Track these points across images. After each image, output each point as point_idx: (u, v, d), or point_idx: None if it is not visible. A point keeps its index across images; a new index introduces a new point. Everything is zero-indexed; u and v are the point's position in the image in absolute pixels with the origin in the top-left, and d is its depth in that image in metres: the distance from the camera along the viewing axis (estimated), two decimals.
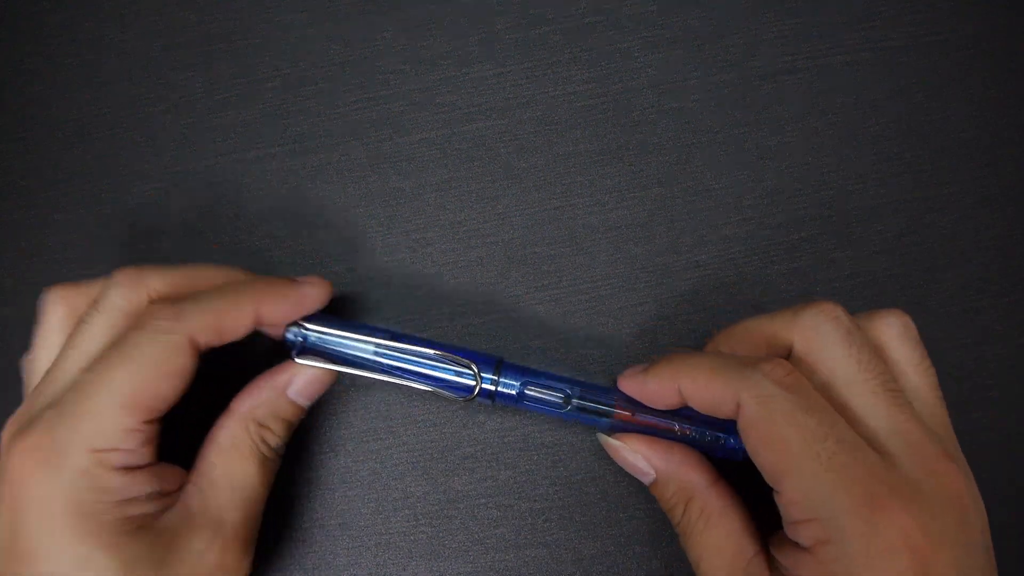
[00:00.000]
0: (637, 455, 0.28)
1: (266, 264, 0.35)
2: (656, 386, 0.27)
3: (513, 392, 0.29)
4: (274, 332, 0.29)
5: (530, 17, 0.37)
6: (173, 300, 0.27)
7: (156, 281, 0.28)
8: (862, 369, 0.24)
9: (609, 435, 0.29)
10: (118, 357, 0.25)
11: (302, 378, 0.29)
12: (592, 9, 0.37)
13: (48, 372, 0.27)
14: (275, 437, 0.29)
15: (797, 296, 0.34)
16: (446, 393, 0.29)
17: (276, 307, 0.28)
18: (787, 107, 0.36)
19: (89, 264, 0.35)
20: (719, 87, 0.36)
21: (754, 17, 0.37)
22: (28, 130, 0.37)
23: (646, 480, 0.29)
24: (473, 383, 0.29)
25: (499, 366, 0.29)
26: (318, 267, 0.35)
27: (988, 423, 0.33)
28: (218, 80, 0.37)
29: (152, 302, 0.27)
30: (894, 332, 0.27)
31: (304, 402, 0.29)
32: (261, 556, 0.29)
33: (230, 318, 0.27)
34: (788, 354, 0.26)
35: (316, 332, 0.29)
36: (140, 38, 0.37)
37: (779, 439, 0.23)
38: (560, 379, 0.29)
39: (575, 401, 0.29)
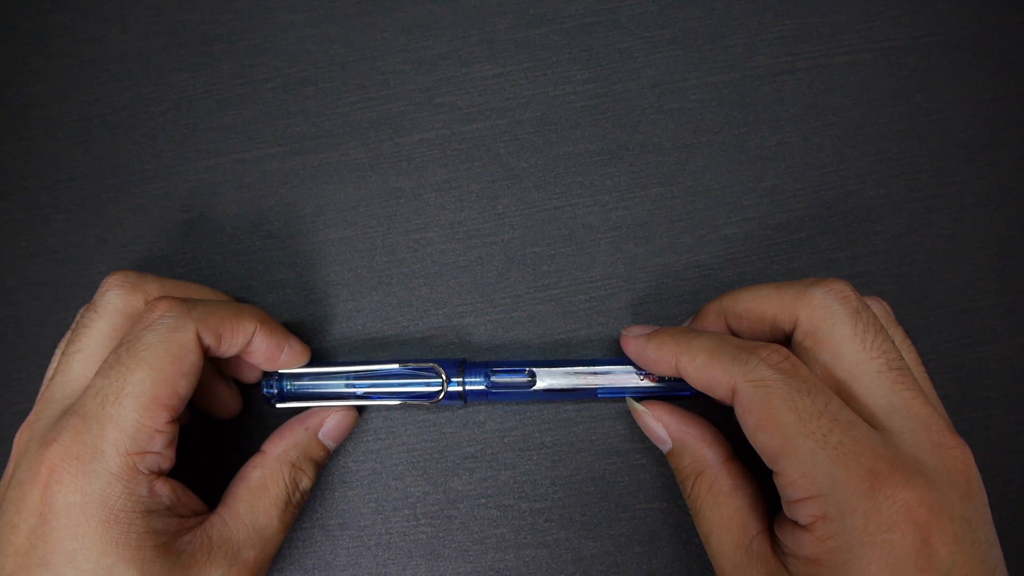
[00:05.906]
0: (658, 423, 0.29)
1: (266, 264, 0.35)
2: (654, 355, 0.28)
3: (482, 386, 0.30)
4: (248, 377, 0.32)
5: (530, 17, 0.37)
6: (178, 298, 0.27)
7: (153, 288, 0.28)
8: (867, 348, 0.25)
9: (637, 401, 0.30)
10: (133, 360, 0.25)
11: (333, 421, 0.31)
12: (592, 9, 0.37)
13: (54, 377, 0.27)
14: (307, 479, 0.30)
15: None
16: (416, 402, 0.31)
17: (269, 339, 0.29)
18: (787, 107, 0.36)
19: (89, 264, 0.35)
20: (719, 87, 0.36)
21: (754, 17, 0.37)
22: (29, 130, 0.37)
23: (664, 448, 0.30)
24: (441, 388, 0.30)
25: (462, 366, 0.31)
26: (317, 267, 0.35)
27: (988, 423, 0.33)
28: (218, 80, 0.37)
29: (158, 299, 0.27)
30: (877, 312, 0.27)
31: (331, 444, 0.31)
32: None
33: (232, 327, 0.27)
34: (793, 328, 0.27)
35: (290, 378, 0.31)
36: (140, 38, 0.37)
37: (775, 421, 0.23)
38: (522, 363, 0.31)
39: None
